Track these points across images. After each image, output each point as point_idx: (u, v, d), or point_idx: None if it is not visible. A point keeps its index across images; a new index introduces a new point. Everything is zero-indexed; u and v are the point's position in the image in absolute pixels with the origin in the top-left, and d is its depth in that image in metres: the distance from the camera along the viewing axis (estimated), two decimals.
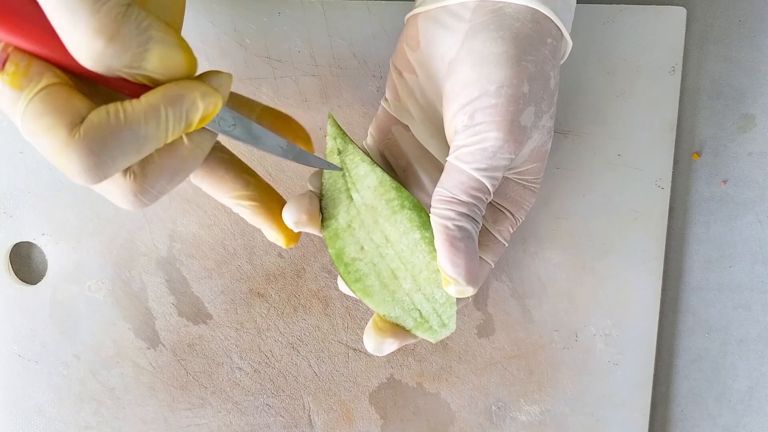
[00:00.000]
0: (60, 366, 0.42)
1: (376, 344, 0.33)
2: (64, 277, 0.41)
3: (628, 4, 0.40)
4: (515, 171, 0.34)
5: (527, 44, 0.31)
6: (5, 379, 0.42)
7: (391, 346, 0.34)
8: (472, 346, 0.42)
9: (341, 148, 0.34)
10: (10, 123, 0.40)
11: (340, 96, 0.40)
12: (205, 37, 0.40)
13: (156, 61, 0.25)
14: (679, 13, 0.40)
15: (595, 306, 0.42)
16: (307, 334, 0.42)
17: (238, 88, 0.40)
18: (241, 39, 0.40)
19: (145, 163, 0.27)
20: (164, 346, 0.42)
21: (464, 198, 0.31)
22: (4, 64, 0.24)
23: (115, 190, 0.27)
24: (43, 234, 0.41)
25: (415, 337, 0.34)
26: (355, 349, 0.42)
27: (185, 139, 0.27)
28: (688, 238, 0.43)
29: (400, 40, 0.35)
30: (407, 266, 0.33)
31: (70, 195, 0.41)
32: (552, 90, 0.32)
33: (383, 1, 0.40)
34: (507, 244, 0.36)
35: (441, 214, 0.31)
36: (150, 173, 0.27)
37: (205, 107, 0.26)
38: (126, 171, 0.27)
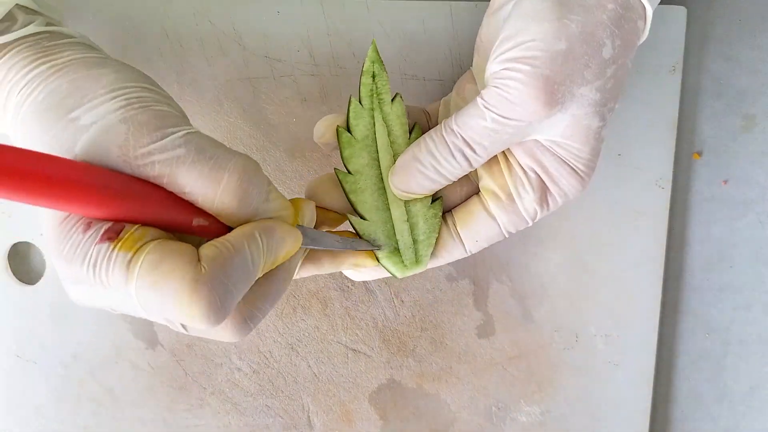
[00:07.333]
0: (58, 366, 0.41)
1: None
2: None
3: None
4: (550, 140, 0.32)
5: (576, 4, 0.30)
6: (4, 379, 0.41)
7: (354, 272, 0.36)
8: (472, 346, 0.42)
9: (377, 72, 0.34)
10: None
11: (340, 95, 0.40)
12: (205, 36, 0.39)
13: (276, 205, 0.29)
14: (680, 12, 0.40)
15: (596, 306, 0.42)
16: (306, 334, 0.42)
17: (237, 87, 0.40)
18: (239, 38, 0.40)
19: (249, 290, 0.28)
20: (163, 346, 0.41)
21: (466, 134, 0.32)
22: (118, 234, 0.25)
23: (227, 322, 0.28)
24: (41, 234, 0.41)
25: (378, 270, 0.35)
26: (354, 350, 0.42)
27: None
28: (688, 238, 0.43)
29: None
30: None
31: None
32: (605, 60, 0.30)
33: (383, 0, 0.39)
34: (527, 219, 0.34)
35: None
36: (256, 298, 0.28)
37: (291, 245, 0.29)
38: None
